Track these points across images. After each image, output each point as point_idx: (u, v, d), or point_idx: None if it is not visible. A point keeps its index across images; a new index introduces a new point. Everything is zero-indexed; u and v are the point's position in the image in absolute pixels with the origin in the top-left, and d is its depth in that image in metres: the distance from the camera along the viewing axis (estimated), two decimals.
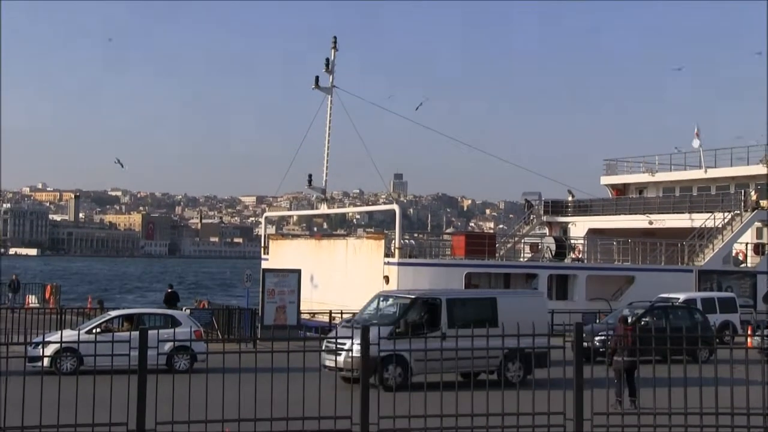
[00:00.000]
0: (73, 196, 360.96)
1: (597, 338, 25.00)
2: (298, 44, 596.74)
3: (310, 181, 47.47)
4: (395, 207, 42.76)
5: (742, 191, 47.07)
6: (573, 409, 13.70)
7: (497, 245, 46.96)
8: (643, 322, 27.93)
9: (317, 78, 46.84)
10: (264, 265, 43.65)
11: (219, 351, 14.11)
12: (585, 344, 14.39)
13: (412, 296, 22.62)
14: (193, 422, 13.10)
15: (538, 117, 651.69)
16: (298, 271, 32.97)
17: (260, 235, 54.53)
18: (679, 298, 34.06)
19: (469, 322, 19.63)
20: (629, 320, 26.33)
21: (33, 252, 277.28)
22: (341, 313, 35.33)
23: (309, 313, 36.98)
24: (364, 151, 69.74)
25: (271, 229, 56.67)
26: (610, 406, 15.03)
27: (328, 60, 46.79)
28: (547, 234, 52.00)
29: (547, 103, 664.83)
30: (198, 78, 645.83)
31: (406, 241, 42.43)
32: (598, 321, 32.97)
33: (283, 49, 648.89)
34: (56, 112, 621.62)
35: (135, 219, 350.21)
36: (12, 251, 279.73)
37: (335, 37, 46.81)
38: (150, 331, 13.79)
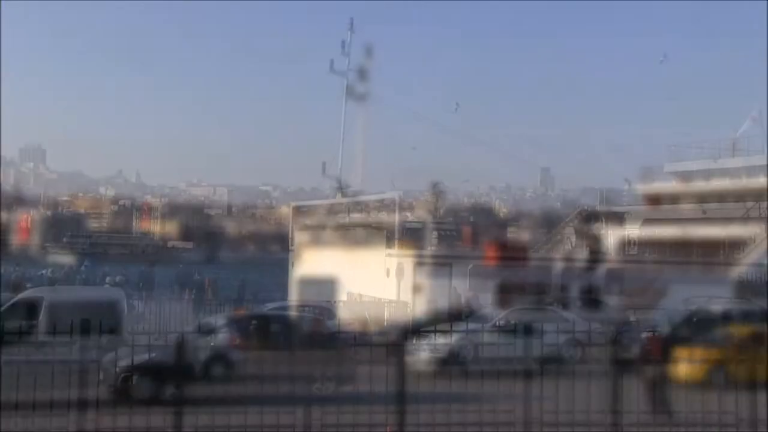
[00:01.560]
0: (226, 191, 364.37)
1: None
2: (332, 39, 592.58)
3: (324, 170, 45.57)
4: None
5: None
6: (609, 417, 13.72)
7: (529, 254, 46.66)
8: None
9: (332, 62, 44.17)
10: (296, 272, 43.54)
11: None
12: (620, 354, 14.38)
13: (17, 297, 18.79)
14: (232, 428, 13.31)
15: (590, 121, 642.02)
16: (335, 279, 32.98)
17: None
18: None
19: (82, 329, 15.92)
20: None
21: (189, 246, 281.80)
22: None
23: None
24: (402, 158, 69.18)
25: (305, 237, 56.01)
26: (644, 415, 15.01)
27: (343, 42, 44.34)
28: (582, 243, 51.62)
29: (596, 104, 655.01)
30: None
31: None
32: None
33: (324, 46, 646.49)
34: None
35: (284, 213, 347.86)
36: (170, 244, 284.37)
37: (352, 19, 44.92)
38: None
